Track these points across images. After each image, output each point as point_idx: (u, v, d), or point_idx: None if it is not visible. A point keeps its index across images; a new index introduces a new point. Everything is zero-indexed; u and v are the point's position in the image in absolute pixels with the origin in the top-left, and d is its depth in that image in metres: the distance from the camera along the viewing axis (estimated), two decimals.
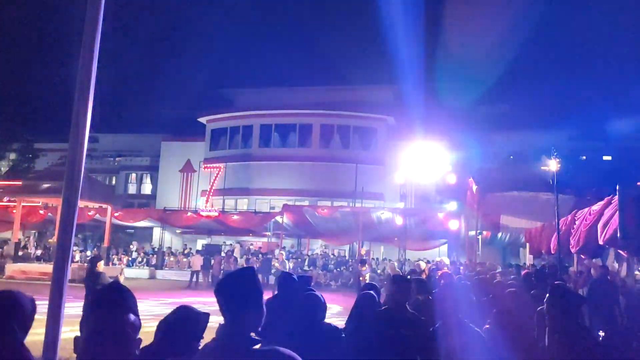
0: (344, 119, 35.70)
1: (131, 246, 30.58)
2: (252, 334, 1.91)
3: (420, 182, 26.78)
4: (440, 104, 32.71)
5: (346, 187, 32.11)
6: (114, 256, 27.62)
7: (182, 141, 38.82)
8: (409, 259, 22.42)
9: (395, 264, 19.69)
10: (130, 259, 28.98)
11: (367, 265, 16.14)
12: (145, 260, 29.08)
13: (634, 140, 33.37)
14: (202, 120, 38.46)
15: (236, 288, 2.00)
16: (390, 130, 35.65)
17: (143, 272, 27.20)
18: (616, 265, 12.81)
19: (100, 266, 9.07)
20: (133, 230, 34.68)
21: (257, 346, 1.89)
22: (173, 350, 2.38)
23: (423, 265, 12.70)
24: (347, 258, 29.22)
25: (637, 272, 11.75)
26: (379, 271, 24.66)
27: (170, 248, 31.64)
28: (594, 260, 11.49)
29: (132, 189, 42.27)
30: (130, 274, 25.84)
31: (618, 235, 3.50)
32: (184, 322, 2.49)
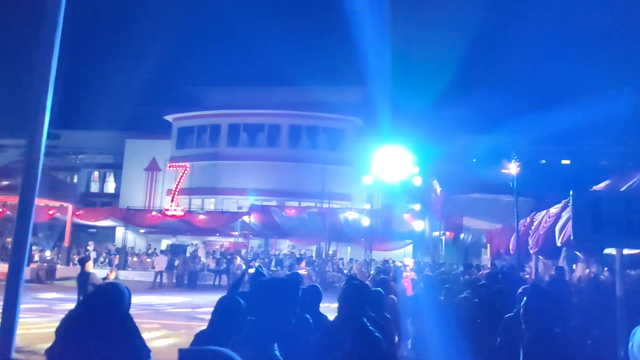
0: (313, 119, 35.80)
1: (88, 246, 29.78)
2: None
3: (386, 183, 27.14)
4: (407, 107, 33.18)
5: (314, 187, 32.18)
6: (74, 256, 26.87)
7: (147, 139, 38.07)
8: (374, 259, 22.68)
9: (361, 263, 19.92)
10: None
11: (304, 263, 16.10)
12: (107, 260, 28.43)
13: (591, 146, 34.68)
14: (169, 118, 37.85)
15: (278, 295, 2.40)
16: (358, 132, 35.95)
17: (104, 273, 26.53)
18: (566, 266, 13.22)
19: (89, 266, 9.10)
20: (95, 230, 33.86)
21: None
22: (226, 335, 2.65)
23: (405, 262, 12.87)
24: (314, 258, 29.30)
25: (587, 270, 12.21)
26: (345, 271, 24.87)
27: (133, 248, 31.04)
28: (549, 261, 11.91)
29: (94, 188, 41.23)
30: None
31: (572, 236, 3.53)
32: (230, 310, 2.90)
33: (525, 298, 3.27)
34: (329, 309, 5.45)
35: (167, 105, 38.27)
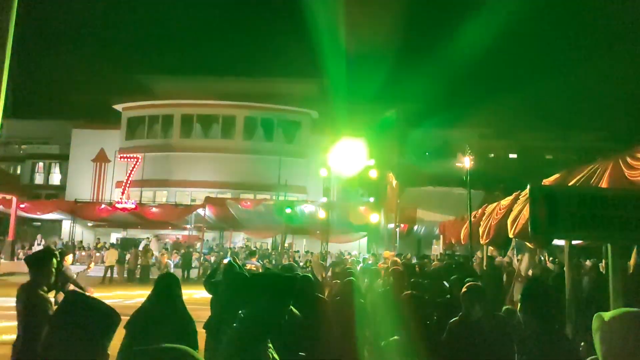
0: (268, 111, 35.56)
1: (36, 240, 28.53)
2: None
3: (342, 176, 27.38)
4: (363, 100, 33.55)
5: (269, 180, 32.05)
6: (19, 251, 25.68)
7: (95, 129, 36.70)
8: (329, 252, 22.88)
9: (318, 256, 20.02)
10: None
11: (257, 257, 15.98)
12: None
13: (537, 140, 36.24)
14: (118, 107, 36.61)
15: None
16: (314, 124, 36.03)
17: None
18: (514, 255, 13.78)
19: (68, 261, 8.89)
20: (40, 223, 32.44)
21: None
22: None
23: (388, 254, 13.01)
24: (270, 251, 29.25)
25: (537, 262, 12.79)
26: (301, 264, 24.96)
27: (81, 242, 29.96)
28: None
29: (39, 179, 39.41)
30: None
31: (529, 230, 3.64)
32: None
33: (523, 291, 3.30)
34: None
35: (116, 94, 36.97)
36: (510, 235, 8.14)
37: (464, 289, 3.83)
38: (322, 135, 31.62)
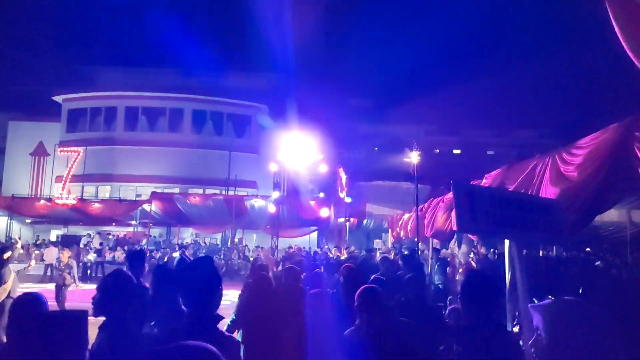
0: (218, 105, 35.02)
1: None
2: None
3: (293, 170, 27.42)
4: (313, 95, 33.70)
5: (219, 174, 31.64)
6: None
7: (33, 121, 34.93)
8: (276, 246, 22.90)
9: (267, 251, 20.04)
10: None
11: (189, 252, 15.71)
12: None
13: (480, 136, 37.66)
14: (58, 99, 34.98)
15: (202, 277, 2.36)
16: (264, 118, 35.81)
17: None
18: (456, 247, 14.33)
19: (7, 256, 8.65)
20: None
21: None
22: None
23: (379, 244, 13.06)
24: (219, 246, 28.94)
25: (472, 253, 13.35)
26: (251, 259, 24.85)
27: (19, 239, 28.47)
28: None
29: None
30: None
31: (454, 224, 3.85)
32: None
33: (463, 282, 3.22)
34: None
35: (56, 85, 35.28)
36: (454, 228, 8.48)
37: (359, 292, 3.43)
38: (272, 130, 31.49)
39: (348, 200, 22.36)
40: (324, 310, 4.20)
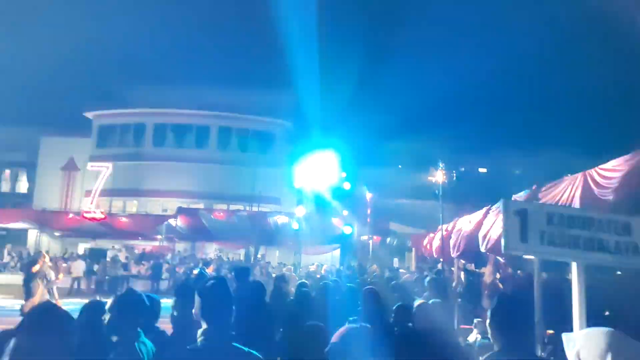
0: (243, 121, 35.49)
1: (5, 250, 27.61)
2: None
3: (316, 187, 27.48)
4: (332, 112, 33.88)
5: (243, 190, 31.91)
6: None
7: (64, 137, 35.92)
8: (296, 264, 22.83)
9: (291, 268, 20.03)
10: (1, 263, 26.24)
11: (211, 268, 15.73)
12: (18, 265, 26.48)
13: (505, 156, 37.11)
14: (89, 115, 35.97)
15: (220, 296, 2.55)
16: (288, 135, 36.09)
17: (16, 278, 24.72)
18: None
19: (36, 268, 9.26)
20: (5, 233, 31.39)
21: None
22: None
23: (396, 262, 12.96)
24: (242, 262, 29.00)
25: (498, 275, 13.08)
26: (273, 275, 24.84)
27: (48, 252, 29.11)
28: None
29: (5, 187, 38.21)
30: (1, 280, 23.48)
31: (502, 245, 3.70)
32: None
33: (494, 306, 3.04)
34: None
35: (87, 102, 36.30)
36: (482, 249, 8.36)
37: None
38: (296, 146, 31.68)
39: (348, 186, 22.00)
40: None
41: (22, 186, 38.25)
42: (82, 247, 31.51)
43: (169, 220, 26.90)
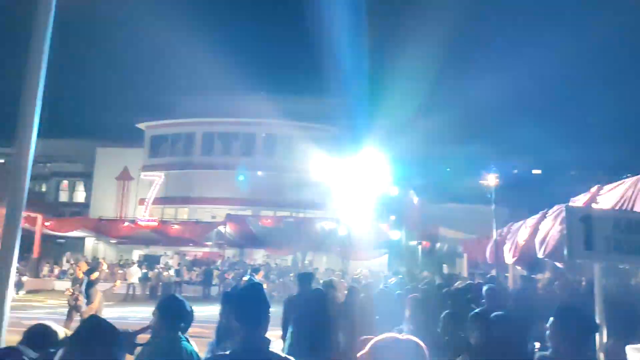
0: (288, 128, 35.70)
1: (64, 257, 28.92)
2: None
3: (363, 193, 27.24)
4: (383, 116, 33.53)
5: (289, 196, 32.06)
6: (44, 267, 26.09)
7: (119, 147, 37.36)
8: (347, 270, 22.64)
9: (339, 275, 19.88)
10: (61, 270, 27.46)
11: (261, 273, 15.63)
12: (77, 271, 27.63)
13: (562, 156, 35.63)
14: (141, 126, 37.24)
15: (256, 302, 2.55)
16: (334, 141, 36.00)
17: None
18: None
19: (94, 276, 9.72)
20: (64, 241, 32.90)
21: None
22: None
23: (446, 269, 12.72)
24: (290, 268, 29.12)
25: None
26: (321, 281, 24.77)
27: (104, 259, 30.30)
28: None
29: (63, 197, 40.13)
30: (61, 287, 24.51)
31: (565, 252, 3.53)
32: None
33: (554, 315, 2.95)
34: None
35: (139, 114, 37.63)
36: (540, 255, 7.95)
37: None
38: (343, 152, 31.57)
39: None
40: None
41: (80, 196, 40.03)
42: (136, 254, 32.58)
43: (218, 227, 27.36)
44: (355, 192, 26.70)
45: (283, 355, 2.53)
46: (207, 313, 3.93)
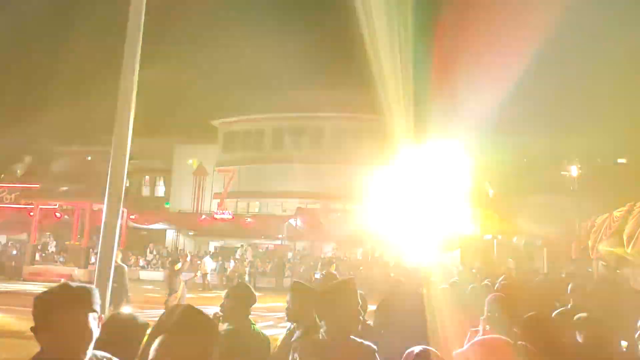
0: (355, 120, 35.68)
1: (148, 249, 30.77)
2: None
3: (433, 184, 26.67)
4: (454, 106, 32.57)
5: (358, 189, 32.00)
6: (131, 258, 27.93)
7: (195, 144, 39.06)
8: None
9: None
10: (145, 260, 29.24)
11: (334, 266, 15.02)
12: (159, 262, 29.31)
13: None
14: (215, 123, 38.69)
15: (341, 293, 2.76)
16: (405, 132, 35.47)
17: (159, 274, 27.42)
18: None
19: (177, 266, 10.29)
20: (146, 232, 34.96)
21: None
22: None
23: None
24: (360, 260, 29.23)
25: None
26: (392, 274, 24.63)
27: (183, 250, 31.89)
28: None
29: (145, 192, 42.59)
30: (146, 277, 26.13)
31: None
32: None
33: None
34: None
35: (213, 111, 39.11)
36: (627, 251, 7.49)
37: None
38: (412, 143, 31.04)
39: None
40: None
41: (160, 190, 42.32)
42: (212, 246, 34.00)
43: (289, 220, 27.93)
44: (424, 183, 26.22)
45: (364, 342, 2.70)
46: (280, 304, 4.08)
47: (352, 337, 2.69)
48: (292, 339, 3.51)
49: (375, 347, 2.69)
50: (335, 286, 2.96)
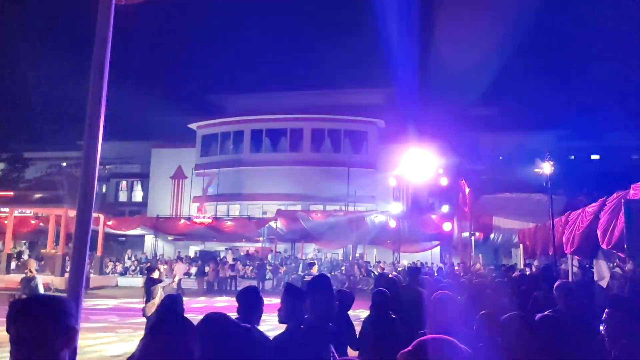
0: (335, 122, 35.80)
1: (126, 255, 30.36)
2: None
3: (412, 184, 26.96)
4: (430, 107, 32.99)
5: (338, 190, 32.18)
6: (109, 263, 27.47)
7: (172, 148, 38.66)
8: (398, 261, 22.52)
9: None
10: (123, 266, 28.81)
11: (315, 268, 15.79)
12: (138, 268, 28.90)
13: (622, 139, 33.84)
14: (193, 126, 38.36)
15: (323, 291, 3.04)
16: (381, 133, 35.83)
17: (137, 280, 27.03)
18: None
19: (156, 274, 10.17)
20: (124, 239, 34.47)
21: None
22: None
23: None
24: (341, 261, 29.31)
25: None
26: (373, 274, 24.80)
27: (162, 255, 31.52)
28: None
29: (122, 197, 41.99)
30: (124, 283, 25.78)
31: (625, 245, 3.42)
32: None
33: (607, 311, 2.93)
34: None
35: (191, 114, 38.76)
36: (603, 246, 7.68)
37: None
38: (390, 144, 31.33)
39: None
40: None
41: (138, 195, 41.78)
42: (192, 250, 33.69)
43: (269, 223, 27.85)
44: (403, 184, 26.47)
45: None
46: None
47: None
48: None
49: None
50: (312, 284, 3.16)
